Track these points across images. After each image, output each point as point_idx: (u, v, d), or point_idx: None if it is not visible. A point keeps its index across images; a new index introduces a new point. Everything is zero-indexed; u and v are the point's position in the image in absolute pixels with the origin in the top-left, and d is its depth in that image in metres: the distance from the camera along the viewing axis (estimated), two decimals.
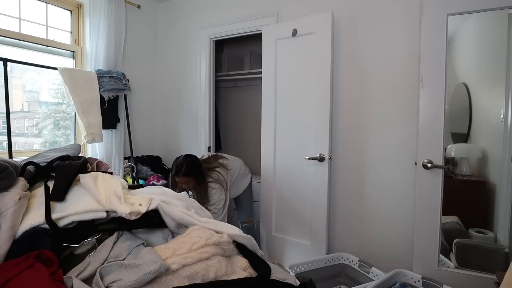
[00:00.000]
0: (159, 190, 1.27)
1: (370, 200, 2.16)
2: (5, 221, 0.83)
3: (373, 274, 1.90)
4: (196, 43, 3.00)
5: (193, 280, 0.79)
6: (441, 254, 1.80)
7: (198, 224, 1.00)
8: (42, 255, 0.76)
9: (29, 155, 1.42)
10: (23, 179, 0.98)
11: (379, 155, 2.12)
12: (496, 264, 1.79)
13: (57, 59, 2.51)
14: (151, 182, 2.64)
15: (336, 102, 2.25)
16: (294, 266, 1.95)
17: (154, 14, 3.26)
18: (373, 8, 2.11)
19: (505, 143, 1.77)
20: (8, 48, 2.20)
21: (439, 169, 1.76)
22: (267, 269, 0.89)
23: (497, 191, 1.84)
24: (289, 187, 2.35)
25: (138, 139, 3.05)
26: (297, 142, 2.29)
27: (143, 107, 3.15)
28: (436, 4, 1.75)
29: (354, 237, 2.23)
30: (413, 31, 1.96)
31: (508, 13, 1.75)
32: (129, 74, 2.90)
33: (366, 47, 2.14)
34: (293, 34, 2.26)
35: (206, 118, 2.96)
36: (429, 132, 1.79)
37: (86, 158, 1.26)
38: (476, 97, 1.94)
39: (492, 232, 1.84)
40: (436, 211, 1.77)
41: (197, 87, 3.02)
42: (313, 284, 0.94)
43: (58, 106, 2.65)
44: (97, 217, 0.92)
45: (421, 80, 1.79)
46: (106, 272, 0.77)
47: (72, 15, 2.63)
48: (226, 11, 2.81)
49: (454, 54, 1.92)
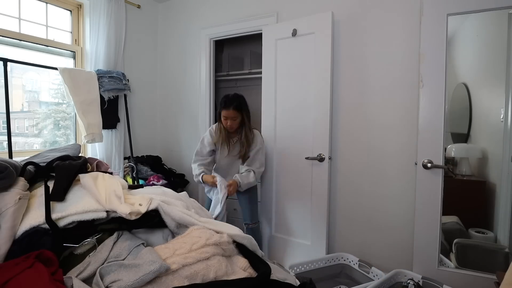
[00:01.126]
0: (159, 190, 1.27)
1: (370, 200, 2.16)
2: (5, 221, 0.83)
3: (373, 274, 1.90)
4: (196, 43, 3.00)
5: (193, 280, 0.79)
6: (441, 254, 1.80)
7: (198, 224, 1.00)
8: (42, 255, 0.77)
9: (29, 155, 1.42)
10: (23, 179, 0.98)
11: (379, 155, 2.12)
12: (496, 264, 1.79)
13: (57, 59, 2.51)
14: (151, 182, 2.64)
15: (336, 102, 2.25)
16: (294, 266, 1.95)
17: (154, 14, 3.26)
18: (373, 8, 2.11)
19: (505, 143, 1.77)
20: (8, 48, 2.20)
21: (439, 169, 1.76)
22: (267, 269, 0.89)
23: (497, 191, 1.84)
24: (289, 187, 2.35)
25: (138, 139, 3.05)
26: (297, 142, 2.29)
27: (143, 107, 3.15)
28: (436, 4, 1.75)
29: (354, 237, 2.23)
30: (413, 31, 1.96)
31: (508, 13, 1.75)
32: (129, 74, 2.90)
33: (366, 47, 2.14)
34: (293, 34, 2.26)
35: (206, 118, 2.96)
36: (429, 132, 1.78)
37: (86, 158, 1.27)
38: (476, 97, 1.94)
39: (492, 232, 1.84)
40: (436, 211, 1.77)
41: (197, 87, 3.02)
42: (313, 284, 0.95)
43: (58, 106, 2.65)
44: (97, 217, 0.92)
45: (421, 80, 1.79)
46: (106, 272, 0.77)
47: (72, 15, 2.63)
48: (226, 11, 2.81)
49: (454, 54, 1.92)
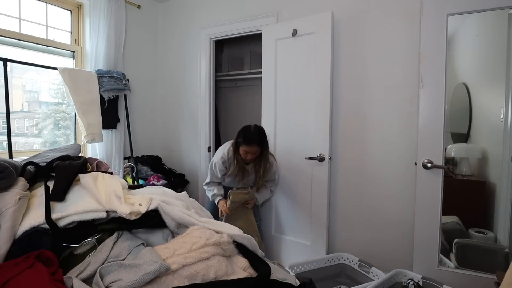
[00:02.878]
0: (159, 190, 1.27)
1: (370, 200, 2.16)
2: (5, 221, 0.83)
3: (373, 274, 1.90)
4: (196, 43, 3.00)
5: (193, 280, 0.79)
6: (441, 254, 1.80)
7: (198, 224, 1.00)
8: (42, 255, 0.77)
9: (29, 155, 1.42)
10: (23, 179, 0.98)
11: (379, 155, 2.12)
12: (496, 264, 1.79)
13: (57, 59, 2.51)
14: (151, 182, 2.64)
15: (336, 102, 2.25)
16: (294, 266, 1.95)
17: (154, 14, 3.26)
18: (373, 8, 2.11)
19: (505, 143, 1.77)
20: (8, 48, 2.20)
21: (439, 169, 1.76)
22: (267, 269, 0.89)
23: (497, 191, 1.84)
24: (289, 187, 2.35)
25: (138, 139, 3.05)
26: (297, 142, 2.29)
27: (143, 107, 3.15)
28: (436, 4, 1.75)
29: (354, 237, 2.23)
30: (413, 31, 1.96)
31: (508, 13, 1.75)
32: (129, 74, 2.90)
33: (366, 47, 2.14)
34: (293, 34, 2.26)
35: (206, 118, 2.96)
36: (429, 132, 1.78)
37: (86, 158, 1.27)
38: (476, 97, 1.94)
39: (492, 232, 1.84)
40: (436, 211, 1.77)
41: (197, 87, 3.02)
42: (313, 284, 0.95)
43: (58, 106, 2.64)
44: (97, 217, 0.92)
45: (421, 80, 1.79)
46: (106, 272, 0.77)
47: (72, 15, 2.63)
48: (226, 11, 2.81)
49: (454, 54, 1.92)
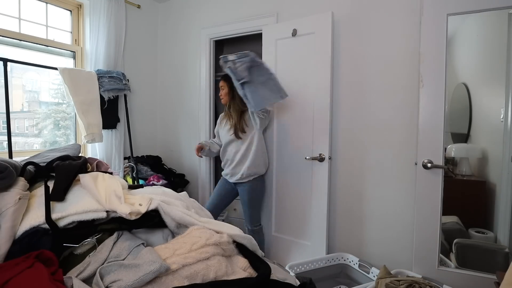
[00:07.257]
0: (159, 190, 1.27)
1: (370, 200, 2.16)
2: (5, 221, 0.83)
3: (373, 274, 1.90)
4: (196, 43, 3.00)
5: (193, 280, 0.79)
6: (441, 254, 1.80)
7: (198, 224, 1.00)
8: (42, 255, 0.76)
9: (29, 155, 1.42)
10: (23, 179, 0.98)
11: (379, 155, 2.12)
12: (496, 264, 1.79)
13: (57, 59, 2.51)
14: (151, 182, 2.64)
15: (336, 102, 2.25)
16: (294, 266, 1.95)
17: (154, 14, 3.26)
18: (373, 8, 2.11)
19: (505, 143, 1.77)
20: (8, 48, 2.20)
21: (439, 169, 1.76)
22: (267, 269, 0.89)
23: (497, 191, 1.84)
24: (289, 187, 2.35)
25: (138, 139, 3.05)
26: (297, 142, 2.29)
27: (143, 107, 3.15)
28: (436, 4, 1.75)
29: (354, 237, 2.23)
30: (413, 31, 1.96)
31: (508, 13, 1.75)
32: (129, 74, 2.90)
33: (366, 47, 2.14)
34: (293, 34, 2.26)
35: (206, 118, 2.96)
36: (429, 132, 1.78)
37: (86, 158, 1.27)
38: (476, 97, 1.94)
39: (492, 232, 1.84)
40: (436, 211, 1.77)
41: (197, 87, 3.02)
42: (313, 284, 0.95)
43: (58, 106, 2.64)
44: (97, 217, 0.92)
45: (421, 80, 1.79)
46: (106, 272, 0.77)
47: (72, 15, 2.63)
48: (226, 11, 2.81)
49: (454, 54, 1.92)
